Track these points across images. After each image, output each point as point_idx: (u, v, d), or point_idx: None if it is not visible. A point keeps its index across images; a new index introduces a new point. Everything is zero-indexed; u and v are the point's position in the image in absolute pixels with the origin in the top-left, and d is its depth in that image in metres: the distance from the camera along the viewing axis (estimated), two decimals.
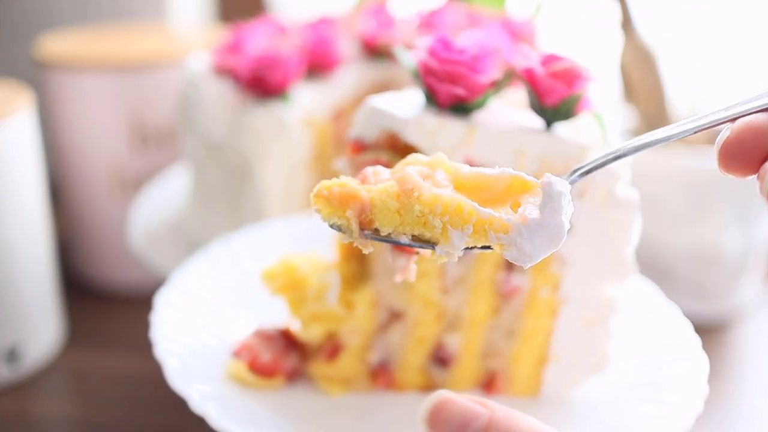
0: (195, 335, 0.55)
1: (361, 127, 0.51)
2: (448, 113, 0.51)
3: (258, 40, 0.79)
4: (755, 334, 0.85)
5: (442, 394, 0.44)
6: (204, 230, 0.80)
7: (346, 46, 0.82)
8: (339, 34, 0.84)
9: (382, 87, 0.86)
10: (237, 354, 0.54)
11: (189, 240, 0.82)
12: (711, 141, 0.89)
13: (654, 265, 0.82)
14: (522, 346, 0.54)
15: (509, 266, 0.53)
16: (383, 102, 0.51)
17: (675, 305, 0.61)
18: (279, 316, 0.57)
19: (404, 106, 0.51)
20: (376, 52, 0.85)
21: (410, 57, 0.52)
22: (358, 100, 0.83)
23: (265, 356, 0.53)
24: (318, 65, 0.78)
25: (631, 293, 0.59)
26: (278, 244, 0.64)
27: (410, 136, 0.50)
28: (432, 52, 0.50)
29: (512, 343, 0.55)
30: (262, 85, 0.72)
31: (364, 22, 0.88)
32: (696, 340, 0.57)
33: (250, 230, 0.66)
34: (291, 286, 0.53)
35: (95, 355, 0.83)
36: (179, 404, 0.74)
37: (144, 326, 0.87)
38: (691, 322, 0.60)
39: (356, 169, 0.51)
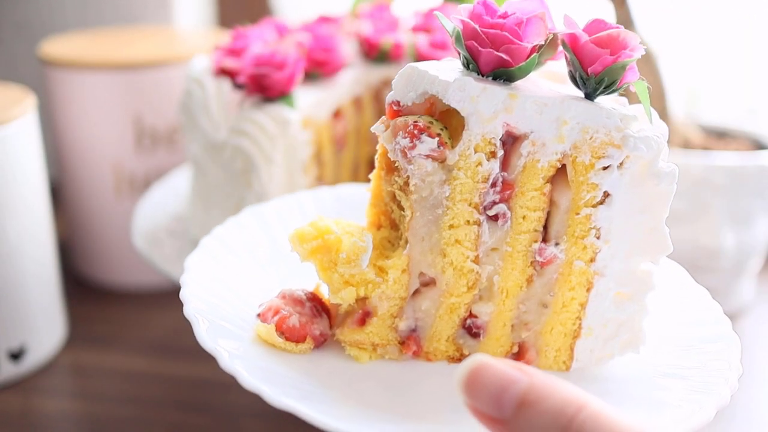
0: (224, 297, 0.54)
1: (399, 90, 0.51)
2: (489, 79, 0.50)
3: (260, 42, 0.80)
4: (751, 332, 0.86)
5: (479, 359, 0.42)
6: (206, 230, 0.80)
7: (345, 47, 0.83)
8: (339, 35, 0.85)
9: (380, 87, 0.86)
10: (262, 315, 0.53)
11: (192, 240, 0.82)
12: (708, 142, 0.89)
13: None
14: (554, 318, 0.54)
15: (545, 237, 0.52)
16: (424, 64, 0.51)
17: (703, 288, 0.61)
18: (309, 280, 0.56)
19: (445, 70, 0.51)
20: (374, 52, 0.85)
21: (451, 21, 0.51)
22: (355, 100, 0.84)
23: (294, 320, 0.52)
24: (319, 66, 0.79)
25: (661, 273, 0.58)
26: (309, 212, 0.64)
27: (451, 100, 0.49)
28: (474, 17, 0.50)
29: (544, 315, 0.54)
30: (264, 86, 0.73)
31: (362, 23, 0.89)
32: (726, 321, 0.56)
33: (280, 198, 0.65)
34: (322, 248, 0.52)
35: (98, 353, 0.84)
36: (180, 402, 0.75)
37: (146, 325, 0.89)
38: None
39: (393, 133, 0.50)
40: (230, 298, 0.54)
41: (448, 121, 0.51)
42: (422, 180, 0.50)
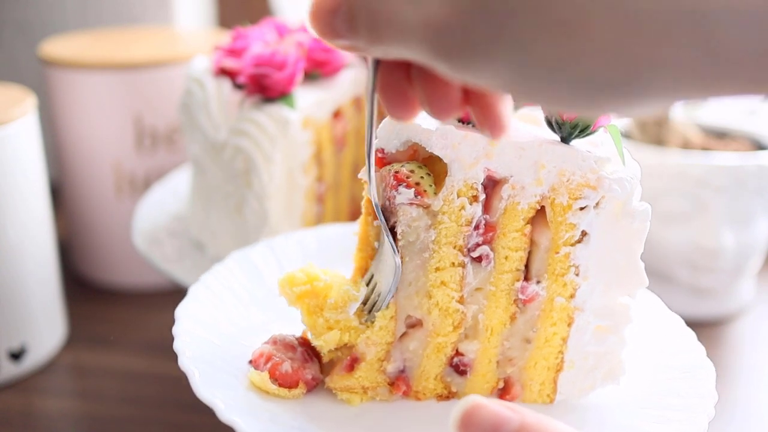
0: (217, 345, 0.55)
1: (383, 138, 0.52)
2: (470, 126, 0.52)
3: (260, 42, 0.80)
4: (751, 332, 0.87)
5: (472, 400, 0.44)
6: (206, 230, 0.81)
7: None
8: None
9: None
10: (254, 362, 0.54)
11: (192, 240, 0.82)
12: (708, 142, 0.92)
13: (649, 265, 0.84)
14: (537, 353, 0.56)
15: (527, 275, 0.54)
16: None
17: (677, 315, 0.63)
18: (298, 324, 0.57)
19: (426, 117, 0.52)
20: None
21: None
22: (355, 100, 0.85)
23: (287, 366, 0.53)
24: (319, 66, 0.80)
25: (637, 303, 0.61)
26: (296, 258, 0.65)
27: (434, 147, 0.51)
28: None
29: (528, 350, 0.56)
30: (264, 86, 0.73)
31: None
32: (701, 349, 0.59)
33: (267, 242, 0.66)
34: (311, 293, 0.53)
35: (98, 353, 0.84)
36: (180, 402, 0.75)
37: (145, 325, 0.89)
38: (687, 320, 0.62)
39: (381, 181, 0.52)
40: (223, 346, 0.55)
41: (431, 166, 0.53)
42: (408, 226, 0.52)
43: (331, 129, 0.81)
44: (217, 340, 0.56)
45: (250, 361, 0.55)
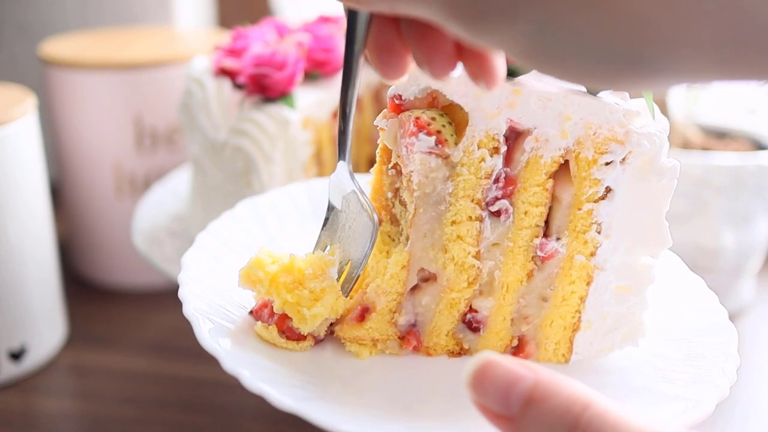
0: (223, 295, 0.53)
1: (401, 84, 0.50)
2: None
3: (260, 42, 0.79)
4: (751, 332, 0.86)
5: (486, 357, 0.42)
6: None
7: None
8: (339, 35, 0.84)
9: (380, 88, 0.87)
10: (255, 312, 0.53)
11: (192, 240, 0.81)
12: (708, 142, 0.90)
13: None
14: (554, 311, 0.54)
15: (546, 232, 0.52)
16: None
17: (699, 277, 0.61)
18: None
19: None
20: None
21: None
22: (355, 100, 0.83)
23: None
24: (319, 66, 0.79)
25: (659, 264, 0.59)
26: (302, 204, 0.63)
27: (454, 95, 0.49)
28: None
29: (544, 309, 0.54)
30: (264, 86, 0.72)
31: None
32: (723, 311, 0.57)
33: (274, 191, 0.65)
34: (285, 271, 0.51)
35: (98, 353, 0.84)
36: (180, 402, 0.74)
37: (146, 325, 0.88)
38: None
39: (399, 127, 0.50)
40: (229, 295, 0.54)
41: (451, 116, 0.50)
42: (426, 176, 0.50)
43: (331, 129, 0.80)
44: (224, 289, 0.54)
45: (251, 312, 0.53)
